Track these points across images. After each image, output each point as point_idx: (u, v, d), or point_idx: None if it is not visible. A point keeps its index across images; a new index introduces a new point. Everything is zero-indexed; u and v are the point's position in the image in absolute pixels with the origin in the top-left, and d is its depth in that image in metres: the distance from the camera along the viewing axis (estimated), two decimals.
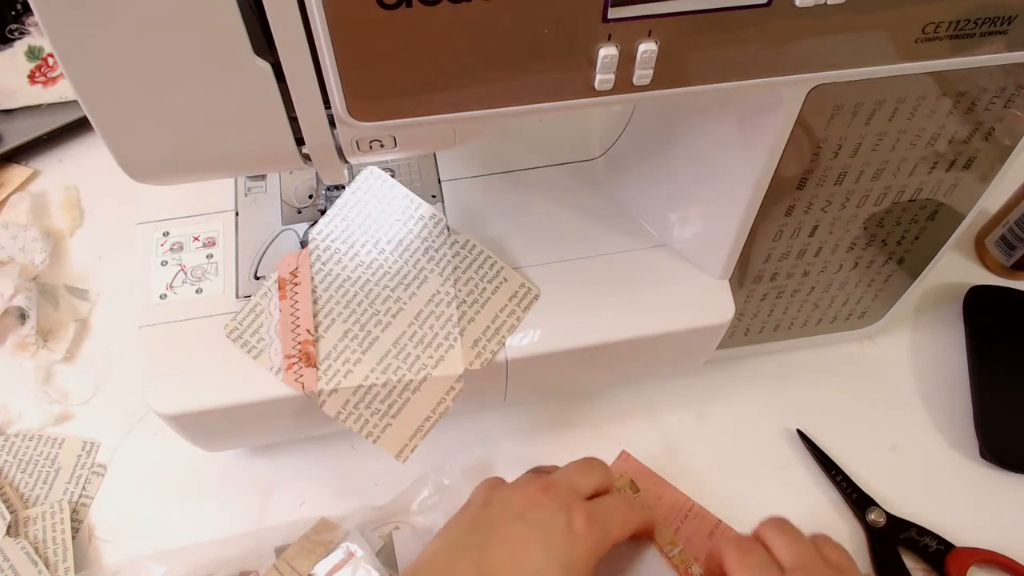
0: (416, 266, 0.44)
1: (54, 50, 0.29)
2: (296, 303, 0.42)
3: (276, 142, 0.34)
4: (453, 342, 0.42)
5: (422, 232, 0.44)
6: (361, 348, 0.42)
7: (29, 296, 0.59)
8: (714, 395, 0.57)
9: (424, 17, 0.29)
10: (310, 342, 0.41)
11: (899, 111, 0.39)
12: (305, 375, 0.41)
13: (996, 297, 0.61)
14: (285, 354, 0.41)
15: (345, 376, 0.41)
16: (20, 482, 0.53)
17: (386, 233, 0.44)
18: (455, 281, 0.43)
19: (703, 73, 0.33)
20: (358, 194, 0.45)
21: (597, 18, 0.30)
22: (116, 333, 0.60)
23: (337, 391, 0.41)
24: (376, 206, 0.45)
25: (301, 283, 0.42)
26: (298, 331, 0.41)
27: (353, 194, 0.44)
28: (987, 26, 0.34)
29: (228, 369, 0.44)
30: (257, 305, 0.43)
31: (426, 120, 0.33)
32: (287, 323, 0.42)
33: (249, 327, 0.43)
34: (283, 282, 0.43)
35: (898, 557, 0.50)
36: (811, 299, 0.54)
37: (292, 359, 0.41)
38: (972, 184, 0.46)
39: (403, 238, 0.44)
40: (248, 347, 0.42)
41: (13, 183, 0.67)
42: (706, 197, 0.46)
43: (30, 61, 0.71)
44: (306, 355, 0.41)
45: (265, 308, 0.43)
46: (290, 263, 0.43)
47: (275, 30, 0.29)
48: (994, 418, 0.55)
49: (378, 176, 0.45)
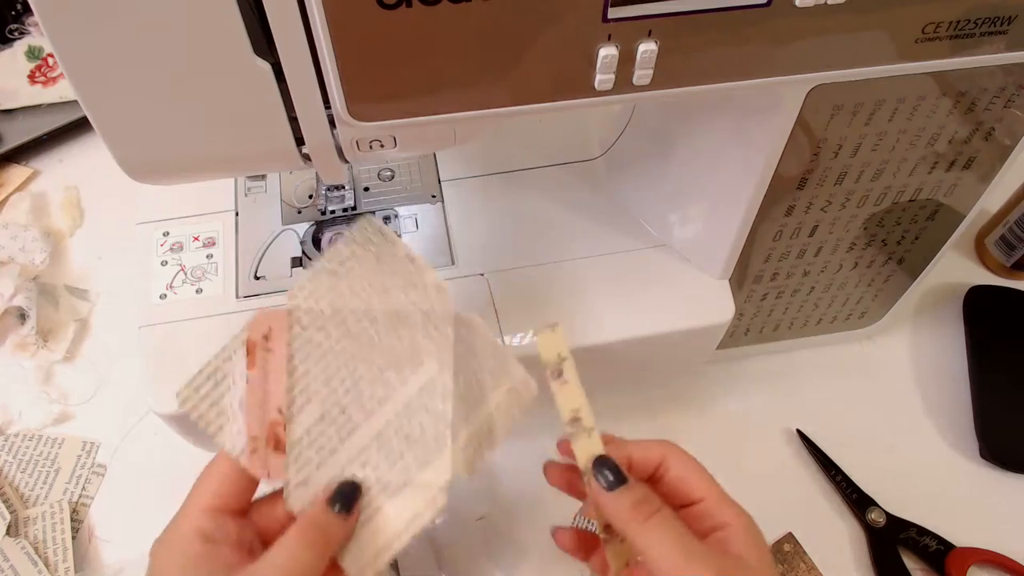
0: (412, 346, 0.37)
1: (54, 50, 0.29)
2: (267, 373, 0.35)
3: (276, 142, 0.34)
4: (443, 445, 0.35)
5: (424, 305, 0.37)
6: (339, 436, 0.35)
7: (29, 296, 0.59)
8: (714, 395, 0.57)
9: (424, 17, 0.29)
10: (280, 423, 0.35)
11: (899, 111, 0.39)
12: (272, 462, 0.35)
13: (996, 297, 0.61)
14: (250, 434, 0.34)
15: (317, 467, 0.35)
16: (20, 482, 0.53)
17: (381, 300, 0.37)
18: (454, 371, 0.36)
19: (703, 73, 0.33)
20: (352, 246, 0.37)
21: (597, 18, 0.30)
22: (116, 333, 0.60)
23: (307, 483, 0.35)
24: (373, 265, 0.37)
25: (275, 350, 0.35)
26: (267, 408, 0.35)
27: (347, 246, 0.37)
28: (987, 26, 0.34)
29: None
30: (218, 371, 0.35)
31: (426, 120, 0.33)
32: (255, 397, 0.35)
33: (207, 397, 0.35)
34: (253, 346, 0.35)
35: (898, 557, 0.50)
36: (811, 299, 0.54)
37: (258, 441, 0.34)
38: (972, 184, 0.46)
39: (401, 309, 0.37)
40: (205, 422, 0.35)
41: (13, 183, 0.67)
42: (706, 197, 0.46)
43: (30, 61, 0.71)
44: (275, 438, 0.35)
45: (228, 375, 0.35)
46: (263, 324, 0.36)
47: (275, 30, 0.29)
48: (994, 418, 0.55)
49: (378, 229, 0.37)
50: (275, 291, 0.47)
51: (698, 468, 0.35)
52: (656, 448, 0.35)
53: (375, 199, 0.52)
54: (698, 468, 0.35)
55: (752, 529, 0.33)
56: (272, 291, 0.47)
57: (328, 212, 0.51)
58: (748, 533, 0.33)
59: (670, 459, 0.35)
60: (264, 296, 0.47)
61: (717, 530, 0.33)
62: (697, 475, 0.35)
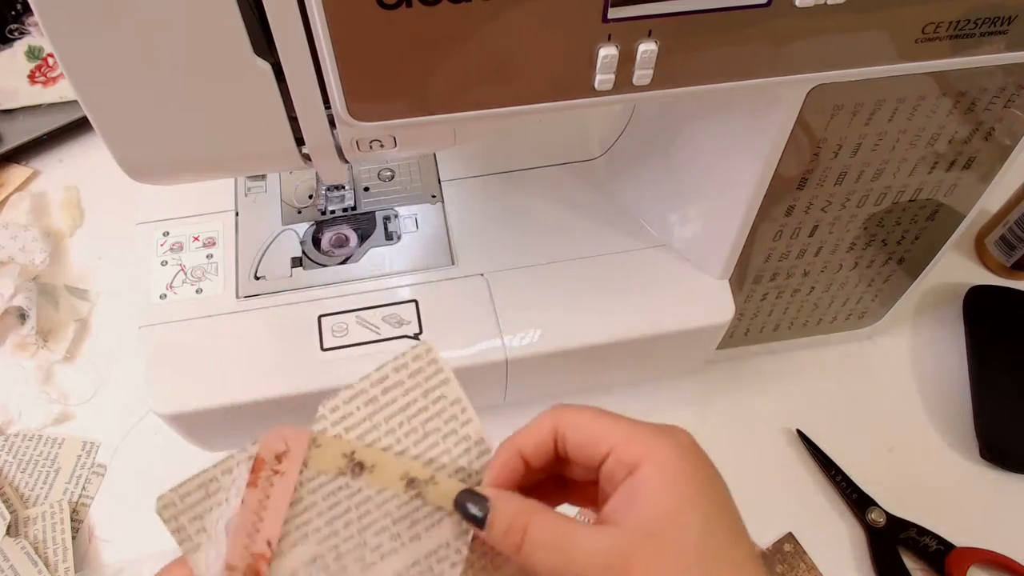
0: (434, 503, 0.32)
1: (54, 50, 0.29)
2: (267, 498, 0.31)
3: (276, 142, 0.34)
4: None
5: (459, 457, 0.32)
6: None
7: (29, 296, 0.59)
8: (714, 395, 0.57)
9: (424, 17, 0.29)
10: (266, 558, 0.30)
11: (899, 111, 0.39)
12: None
13: (996, 297, 0.61)
14: (228, 562, 0.30)
15: None
16: (20, 482, 0.53)
17: (416, 446, 0.32)
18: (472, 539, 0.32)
19: (703, 73, 0.33)
20: (401, 374, 0.32)
21: (597, 18, 0.30)
22: (116, 333, 0.60)
23: None
24: (417, 398, 0.32)
25: (285, 474, 0.31)
26: (255, 537, 0.30)
27: (396, 372, 0.32)
28: (987, 26, 0.34)
29: (228, 369, 0.44)
30: (213, 482, 0.31)
31: (426, 120, 0.33)
32: (246, 521, 0.30)
33: (192, 508, 0.31)
34: (261, 464, 0.31)
35: (898, 557, 0.50)
36: (811, 299, 0.54)
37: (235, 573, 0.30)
38: (972, 184, 0.46)
39: (435, 457, 0.32)
40: (182, 536, 0.31)
41: (13, 183, 0.67)
42: (706, 197, 0.46)
43: (30, 61, 0.71)
44: (254, 573, 0.30)
45: (222, 489, 0.31)
46: (279, 441, 0.31)
47: (275, 30, 0.29)
48: (994, 418, 0.55)
49: (434, 360, 0.32)
50: (275, 291, 0.47)
51: (593, 420, 0.28)
52: (545, 424, 0.29)
53: (375, 199, 0.52)
54: (593, 420, 0.28)
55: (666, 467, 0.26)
56: (272, 291, 0.47)
57: (328, 212, 0.51)
58: (659, 475, 0.26)
59: (563, 429, 0.29)
60: (264, 296, 0.47)
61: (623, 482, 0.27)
62: (595, 428, 0.28)
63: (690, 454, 0.27)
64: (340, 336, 0.45)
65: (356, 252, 0.49)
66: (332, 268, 0.48)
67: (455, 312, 0.46)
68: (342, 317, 0.46)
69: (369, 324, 0.46)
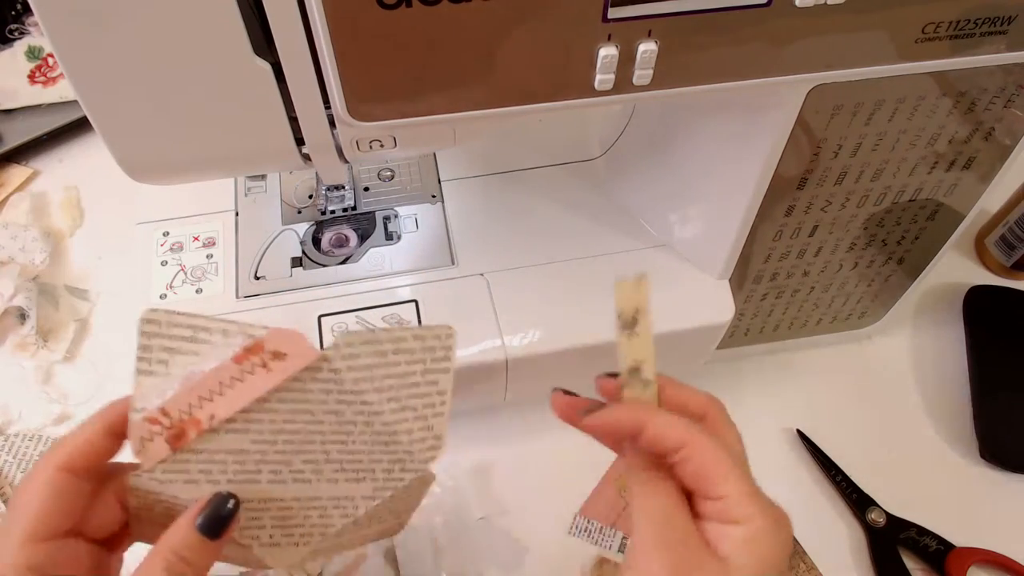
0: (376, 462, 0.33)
1: (54, 51, 0.29)
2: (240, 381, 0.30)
3: (276, 142, 0.34)
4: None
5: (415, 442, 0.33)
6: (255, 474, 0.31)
7: (29, 296, 0.59)
8: (714, 395, 0.57)
9: (424, 17, 0.29)
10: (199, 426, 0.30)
11: (899, 111, 0.39)
12: (154, 447, 0.30)
13: (996, 297, 0.61)
14: (165, 407, 0.30)
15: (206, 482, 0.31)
16: (20, 482, 0.53)
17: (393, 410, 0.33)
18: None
19: (703, 73, 0.33)
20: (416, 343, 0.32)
21: (597, 18, 0.30)
22: (116, 333, 0.60)
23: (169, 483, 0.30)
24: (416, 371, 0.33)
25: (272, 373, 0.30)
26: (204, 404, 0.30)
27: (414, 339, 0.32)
28: (987, 26, 0.34)
29: None
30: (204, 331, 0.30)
31: (426, 120, 0.33)
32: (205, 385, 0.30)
33: (170, 338, 0.30)
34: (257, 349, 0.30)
35: (898, 557, 0.50)
36: (811, 299, 0.54)
37: (165, 420, 0.30)
38: (972, 184, 0.46)
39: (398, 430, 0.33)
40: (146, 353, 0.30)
41: (13, 183, 0.67)
42: (706, 197, 0.46)
43: (30, 61, 0.71)
44: (181, 432, 0.30)
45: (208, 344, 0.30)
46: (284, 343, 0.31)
47: (275, 30, 0.29)
48: (994, 418, 0.55)
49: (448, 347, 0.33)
50: (275, 291, 0.47)
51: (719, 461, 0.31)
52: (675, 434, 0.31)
53: (375, 199, 0.52)
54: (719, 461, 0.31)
55: (764, 536, 0.29)
56: (272, 291, 0.47)
57: (328, 212, 0.51)
58: (756, 538, 0.29)
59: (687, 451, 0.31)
60: (264, 296, 0.47)
61: (723, 523, 0.30)
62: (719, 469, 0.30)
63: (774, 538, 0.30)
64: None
65: (356, 252, 0.49)
66: (332, 268, 0.48)
67: (455, 312, 0.46)
68: (342, 317, 0.46)
69: (369, 324, 0.46)
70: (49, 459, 0.30)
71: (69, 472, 0.30)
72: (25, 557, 0.28)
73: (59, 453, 0.30)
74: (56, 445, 0.31)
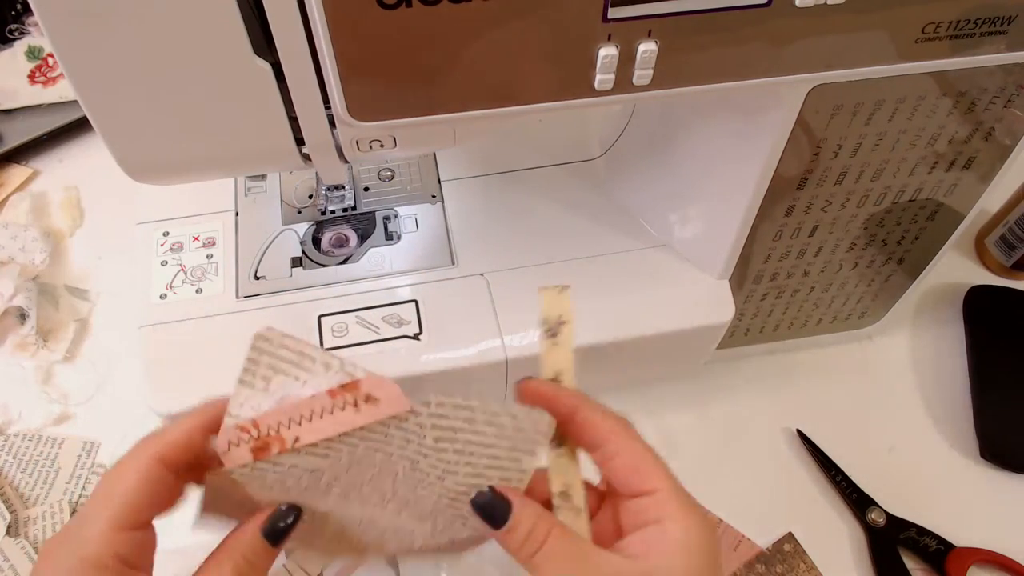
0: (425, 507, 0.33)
1: (54, 51, 0.29)
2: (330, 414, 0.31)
3: (276, 142, 0.34)
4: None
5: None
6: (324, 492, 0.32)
7: (29, 296, 0.59)
8: (714, 395, 0.57)
9: (424, 17, 0.29)
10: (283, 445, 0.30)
11: (899, 111, 0.39)
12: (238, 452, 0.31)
13: (996, 297, 0.61)
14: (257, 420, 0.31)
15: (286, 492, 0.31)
16: (20, 482, 0.53)
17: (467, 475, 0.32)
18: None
19: (703, 73, 0.33)
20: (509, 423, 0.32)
21: (597, 18, 0.30)
22: (116, 333, 0.60)
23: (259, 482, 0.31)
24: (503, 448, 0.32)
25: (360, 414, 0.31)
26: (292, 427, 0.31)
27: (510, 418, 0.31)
28: (987, 26, 0.34)
29: (228, 369, 0.44)
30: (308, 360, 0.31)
31: (426, 120, 0.33)
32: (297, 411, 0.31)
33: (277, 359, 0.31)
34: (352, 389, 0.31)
35: (898, 557, 0.50)
36: (811, 299, 0.54)
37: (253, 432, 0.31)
38: (972, 184, 0.46)
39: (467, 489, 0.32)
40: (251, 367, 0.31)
41: (13, 183, 0.67)
42: (706, 197, 0.46)
43: (30, 61, 0.71)
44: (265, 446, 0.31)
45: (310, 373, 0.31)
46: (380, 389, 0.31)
47: (275, 30, 0.29)
48: (994, 418, 0.55)
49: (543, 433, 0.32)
50: (275, 291, 0.47)
51: (651, 457, 0.30)
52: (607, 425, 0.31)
53: (375, 199, 0.52)
54: (651, 457, 0.30)
55: (692, 535, 0.29)
56: (272, 291, 0.47)
57: (328, 212, 0.51)
58: (685, 538, 0.28)
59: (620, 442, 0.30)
60: (264, 296, 0.47)
61: (651, 526, 0.29)
62: (650, 466, 0.30)
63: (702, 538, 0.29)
64: (340, 336, 0.45)
65: (356, 252, 0.49)
66: (332, 268, 0.48)
67: (455, 312, 0.46)
68: (342, 317, 0.46)
69: (369, 324, 0.46)
70: (145, 448, 0.30)
71: (163, 463, 0.30)
72: (113, 545, 0.28)
73: (157, 443, 0.30)
74: (153, 435, 0.31)
